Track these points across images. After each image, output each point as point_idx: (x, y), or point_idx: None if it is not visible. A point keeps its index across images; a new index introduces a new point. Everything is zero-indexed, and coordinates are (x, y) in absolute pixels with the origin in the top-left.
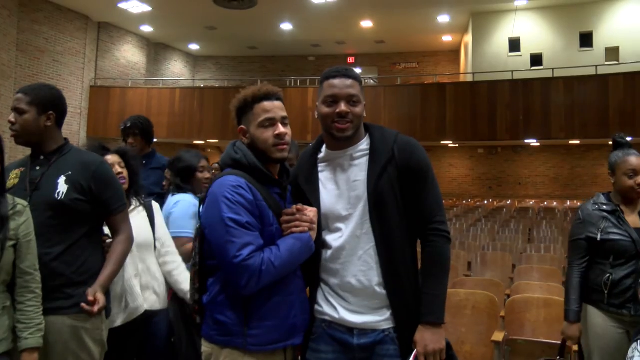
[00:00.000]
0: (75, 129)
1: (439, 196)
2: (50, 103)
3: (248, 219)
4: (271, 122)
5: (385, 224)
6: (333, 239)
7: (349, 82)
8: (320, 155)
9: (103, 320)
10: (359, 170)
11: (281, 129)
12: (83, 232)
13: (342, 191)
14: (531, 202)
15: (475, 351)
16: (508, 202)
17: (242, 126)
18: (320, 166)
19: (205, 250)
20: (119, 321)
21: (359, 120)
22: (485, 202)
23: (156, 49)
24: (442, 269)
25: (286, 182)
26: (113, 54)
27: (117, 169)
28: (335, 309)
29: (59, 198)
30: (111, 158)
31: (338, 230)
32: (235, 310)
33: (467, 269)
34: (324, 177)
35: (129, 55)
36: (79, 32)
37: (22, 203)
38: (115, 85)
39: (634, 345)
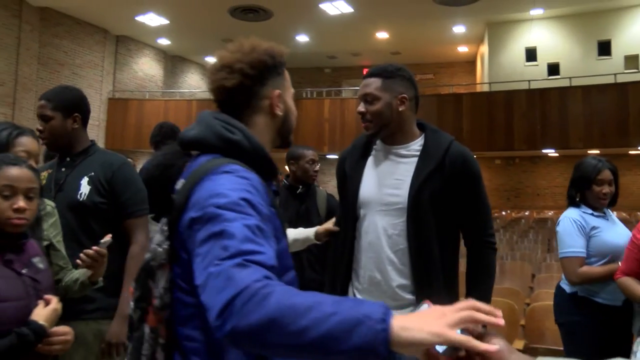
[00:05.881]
0: None
1: (489, 208)
2: (74, 105)
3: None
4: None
5: (422, 229)
6: (364, 231)
7: (367, 81)
8: (374, 146)
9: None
10: (405, 170)
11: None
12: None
13: (382, 186)
14: (550, 213)
15: None
16: (526, 213)
17: (279, 90)
18: (371, 156)
19: (180, 278)
20: None
21: (379, 117)
22: (504, 212)
23: (173, 62)
24: (489, 280)
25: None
26: (131, 67)
27: None
28: None
29: (81, 199)
30: None
31: (370, 222)
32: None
33: None
34: (370, 166)
35: (147, 68)
36: (97, 45)
37: (50, 204)
38: (132, 98)
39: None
